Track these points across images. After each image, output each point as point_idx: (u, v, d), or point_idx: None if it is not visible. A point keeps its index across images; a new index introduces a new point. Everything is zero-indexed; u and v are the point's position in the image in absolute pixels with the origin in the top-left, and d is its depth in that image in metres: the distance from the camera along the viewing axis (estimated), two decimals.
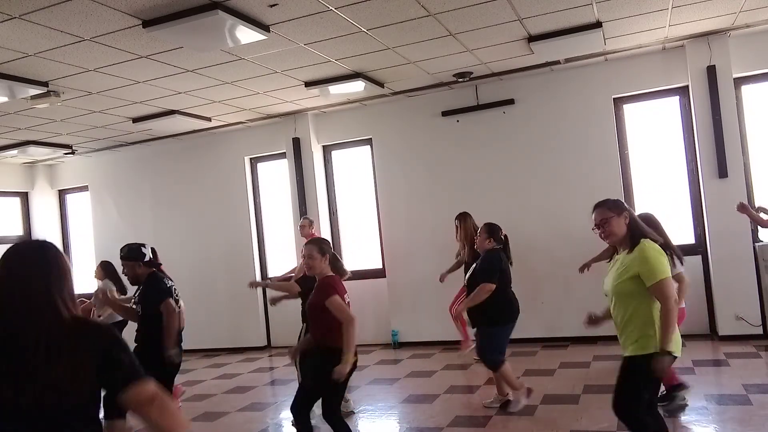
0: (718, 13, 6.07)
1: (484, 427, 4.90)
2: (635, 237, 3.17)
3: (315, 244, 4.01)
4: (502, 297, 5.03)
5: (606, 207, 3.25)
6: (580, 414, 4.95)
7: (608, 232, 3.20)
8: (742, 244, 6.73)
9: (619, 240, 3.24)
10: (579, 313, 7.40)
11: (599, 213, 3.26)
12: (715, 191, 6.83)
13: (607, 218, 3.20)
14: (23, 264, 1.79)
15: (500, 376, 5.16)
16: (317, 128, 8.94)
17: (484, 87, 7.98)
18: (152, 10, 4.58)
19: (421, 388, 6.22)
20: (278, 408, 6.18)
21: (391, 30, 5.56)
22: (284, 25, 5.15)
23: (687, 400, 4.79)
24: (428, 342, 8.17)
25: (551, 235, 7.64)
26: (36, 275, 1.77)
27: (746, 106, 7.10)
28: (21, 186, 10.59)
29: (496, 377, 5.22)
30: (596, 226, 3.26)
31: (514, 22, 5.67)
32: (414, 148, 8.42)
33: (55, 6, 4.32)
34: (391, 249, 8.54)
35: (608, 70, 7.47)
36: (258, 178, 9.64)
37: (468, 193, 8.04)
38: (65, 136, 8.62)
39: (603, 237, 3.25)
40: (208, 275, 9.51)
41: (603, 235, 3.24)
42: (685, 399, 4.77)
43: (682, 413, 4.68)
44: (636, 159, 7.60)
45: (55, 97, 6.28)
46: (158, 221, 9.83)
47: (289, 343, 9.25)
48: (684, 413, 4.68)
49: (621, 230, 3.19)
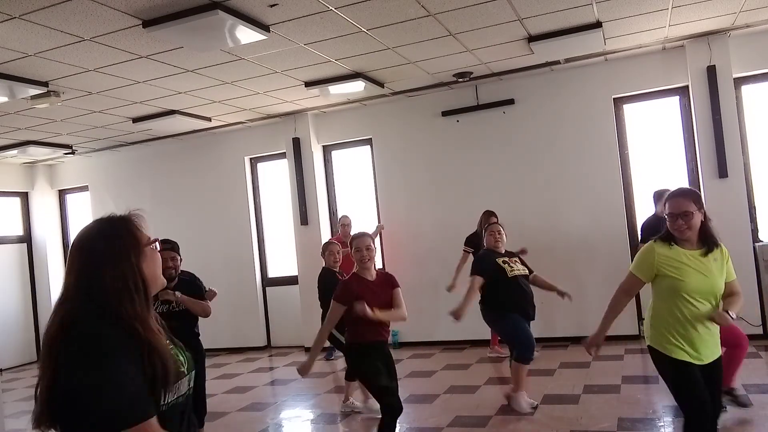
0: (718, 13, 6.07)
1: (484, 427, 4.90)
2: (711, 237, 3.07)
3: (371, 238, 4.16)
4: (494, 289, 5.13)
5: (691, 199, 3.04)
6: (580, 414, 4.95)
7: (689, 225, 3.01)
8: (742, 244, 6.72)
9: (692, 238, 3.07)
10: (579, 313, 7.47)
11: (683, 204, 3.03)
12: (715, 191, 6.83)
13: (691, 212, 3.01)
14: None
15: (513, 369, 5.19)
16: (317, 128, 8.94)
17: (484, 87, 7.98)
18: (152, 10, 4.57)
19: (421, 388, 6.22)
20: (278, 408, 6.18)
21: (391, 30, 5.56)
22: (284, 25, 5.15)
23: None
24: (428, 342, 8.17)
25: (551, 234, 7.65)
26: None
27: (746, 106, 7.10)
28: (21, 186, 10.60)
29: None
30: (677, 216, 3.03)
31: (514, 22, 5.67)
32: (414, 148, 8.42)
33: (55, 6, 4.32)
34: (391, 249, 8.54)
35: (608, 70, 7.47)
36: (258, 178, 9.64)
37: (468, 193, 8.04)
38: (65, 136, 8.62)
39: (680, 229, 3.03)
40: (208, 275, 9.36)
41: (682, 228, 3.02)
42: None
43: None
44: (636, 159, 7.60)
45: (55, 97, 6.27)
46: (158, 221, 9.81)
47: (289, 343, 9.31)
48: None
49: (698, 227, 3.05)
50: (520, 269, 5.22)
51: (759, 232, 6.93)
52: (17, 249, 10.52)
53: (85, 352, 1.52)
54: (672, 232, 3.07)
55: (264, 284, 9.52)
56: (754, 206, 7.03)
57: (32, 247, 10.68)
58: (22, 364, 9.79)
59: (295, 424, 5.53)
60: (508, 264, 5.18)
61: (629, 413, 4.83)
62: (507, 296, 5.11)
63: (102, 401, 1.50)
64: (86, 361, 1.52)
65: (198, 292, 4.68)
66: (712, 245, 3.07)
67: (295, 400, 6.47)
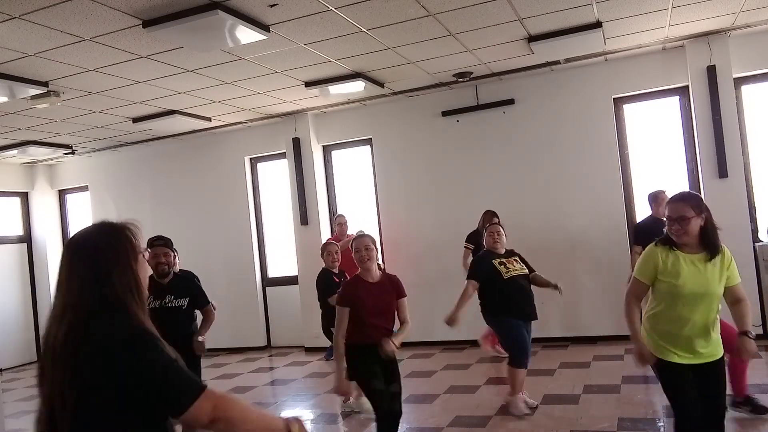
0: (718, 13, 6.07)
1: (484, 427, 4.90)
2: (714, 243, 3.04)
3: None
4: (490, 292, 5.13)
5: (690, 205, 3.02)
6: (580, 414, 4.95)
7: (686, 231, 3.00)
8: (742, 244, 6.72)
9: (690, 243, 3.05)
10: (579, 313, 7.47)
11: (681, 208, 3.02)
12: (715, 191, 6.83)
13: (688, 217, 2.99)
14: None
15: (508, 373, 5.20)
16: (317, 128, 8.94)
17: (484, 87, 7.98)
18: (152, 10, 4.57)
19: (421, 388, 6.22)
20: (278, 408, 6.18)
21: (391, 30, 5.56)
22: (284, 25, 5.15)
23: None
24: (428, 342, 8.17)
25: (551, 234, 7.64)
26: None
27: (746, 106, 7.10)
28: (21, 186, 10.60)
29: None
30: (674, 220, 3.02)
31: (514, 22, 5.67)
32: (414, 148, 8.42)
33: (55, 6, 4.32)
34: (391, 249, 8.54)
35: (608, 70, 7.47)
36: (258, 178, 9.64)
37: (468, 193, 8.04)
38: (65, 136, 8.62)
39: (677, 234, 3.02)
40: (208, 275, 9.39)
41: (679, 233, 3.01)
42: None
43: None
44: (636, 159, 7.60)
45: (55, 97, 6.27)
46: (158, 221, 9.80)
47: (289, 343, 9.32)
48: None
49: (696, 232, 3.03)
50: (518, 269, 5.19)
51: (759, 232, 6.92)
52: (17, 249, 10.52)
53: (143, 341, 1.62)
54: (670, 235, 3.08)
55: (264, 284, 9.52)
56: (754, 206, 7.03)
57: (32, 247, 10.68)
58: (22, 364, 9.79)
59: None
60: (504, 265, 5.14)
61: (629, 413, 4.83)
62: (503, 298, 5.09)
63: (175, 376, 1.61)
64: (147, 347, 1.61)
65: (194, 291, 4.65)
66: (714, 251, 3.05)
67: (295, 400, 6.47)
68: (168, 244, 4.55)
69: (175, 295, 4.51)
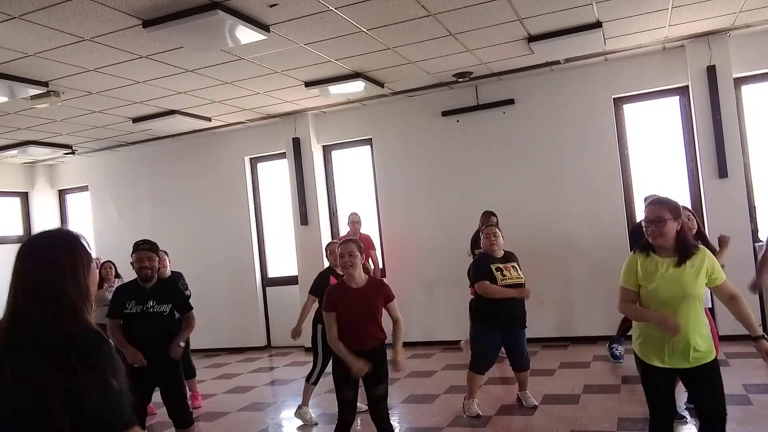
0: (718, 13, 6.07)
1: (484, 427, 4.90)
2: (687, 247, 3.09)
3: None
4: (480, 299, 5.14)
5: (667, 208, 3.09)
6: (580, 414, 4.96)
7: (661, 232, 3.07)
8: (742, 244, 6.71)
9: (665, 245, 3.10)
10: (579, 313, 7.47)
11: (658, 210, 3.09)
12: (715, 191, 6.83)
13: (665, 219, 3.06)
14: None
15: (467, 377, 5.28)
16: (317, 128, 8.94)
17: (484, 87, 7.98)
18: (152, 10, 4.58)
19: (421, 388, 6.22)
20: (278, 408, 6.18)
21: (391, 30, 5.56)
22: (284, 25, 5.15)
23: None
24: (428, 342, 8.17)
25: (551, 234, 7.65)
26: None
27: (746, 106, 7.10)
28: (21, 186, 10.60)
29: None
30: (650, 221, 3.09)
31: (514, 22, 5.67)
32: (414, 148, 8.42)
33: (55, 6, 4.32)
34: (391, 249, 8.54)
35: (608, 70, 7.47)
36: (258, 178, 9.64)
37: (468, 193, 8.04)
38: (65, 136, 8.62)
39: (653, 235, 3.09)
40: (208, 275, 9.51)
41: (654, 234, 3.08)
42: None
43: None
44: (636, 159, 7.60)
45: (55, 97, 6.28)
46: (158, 221, 9.83)
47: (289, 343, 9.28)
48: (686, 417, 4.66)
49: (671, 235, 3.08)
50: (514, 277, 5.06)
51: (759, 232, 6.92)
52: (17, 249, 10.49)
53: (101, 344, 1.69)
54: (647, 237, 3.15)
55: (264, 284, 9.52)
56: (754, 206, 7.03)
57: None
58: None
59: (295, 424, 5.52)
60: (501, 272, 5.05)
61: (629, 413, 4.83)
62: (490, 305, 5.04)
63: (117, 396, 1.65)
64: (102, 350, 1.68)
65: (177, 297, 4.53)
66: (685, 255, 3.09)
67: (295, 400, 6.46)
68: (153, 248, 4.47)
69: (158, 301, 4.38)
